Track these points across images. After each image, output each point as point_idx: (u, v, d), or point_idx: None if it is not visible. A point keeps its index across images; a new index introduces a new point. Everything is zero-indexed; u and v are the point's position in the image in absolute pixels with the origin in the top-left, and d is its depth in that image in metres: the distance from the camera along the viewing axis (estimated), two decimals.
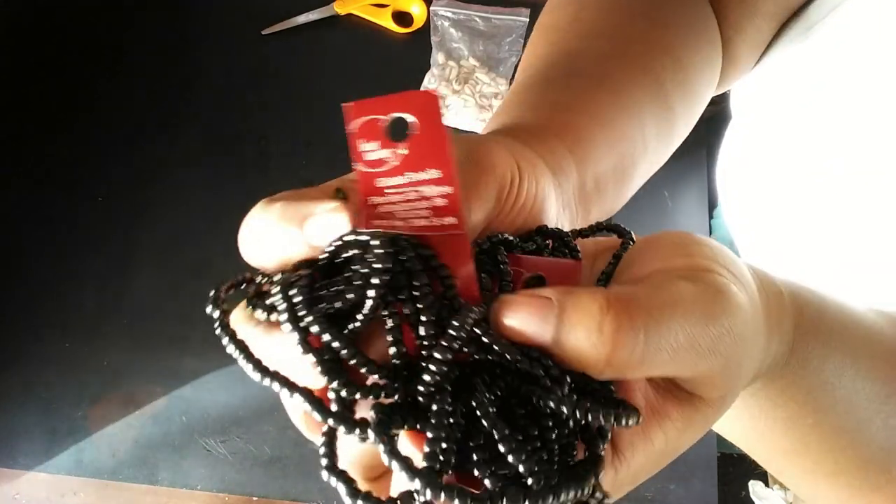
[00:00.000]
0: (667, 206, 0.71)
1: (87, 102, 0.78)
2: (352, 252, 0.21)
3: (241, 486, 0.62)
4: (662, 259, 0.23)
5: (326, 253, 0.22)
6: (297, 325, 0.21)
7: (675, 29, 0.39)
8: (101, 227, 0.72)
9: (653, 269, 0.22)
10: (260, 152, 0.75)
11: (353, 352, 0.20)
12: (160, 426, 0.64)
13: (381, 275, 0.20)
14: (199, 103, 0.78)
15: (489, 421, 0.20)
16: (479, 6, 0.80)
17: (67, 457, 0.63)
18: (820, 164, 0.45)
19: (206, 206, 0.72)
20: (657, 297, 0.20)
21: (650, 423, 0.22)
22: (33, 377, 0.66)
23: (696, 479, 0.62)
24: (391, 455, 0.19)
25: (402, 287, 0.21)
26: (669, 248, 0.23)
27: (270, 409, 0.64)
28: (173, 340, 0.67)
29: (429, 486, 0.18)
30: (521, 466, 0.19)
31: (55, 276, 0.70)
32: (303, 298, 0.21)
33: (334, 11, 0.81)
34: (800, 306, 0.29)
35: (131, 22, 0.82)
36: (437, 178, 0.22)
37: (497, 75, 0.76)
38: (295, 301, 0.21)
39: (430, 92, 0.22)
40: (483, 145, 0.26)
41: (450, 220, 0.22)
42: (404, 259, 0.21)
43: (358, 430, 0.20)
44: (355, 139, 0.22)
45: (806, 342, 0.29)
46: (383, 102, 0.22)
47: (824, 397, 0.30)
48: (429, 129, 0.22)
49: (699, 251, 0.23)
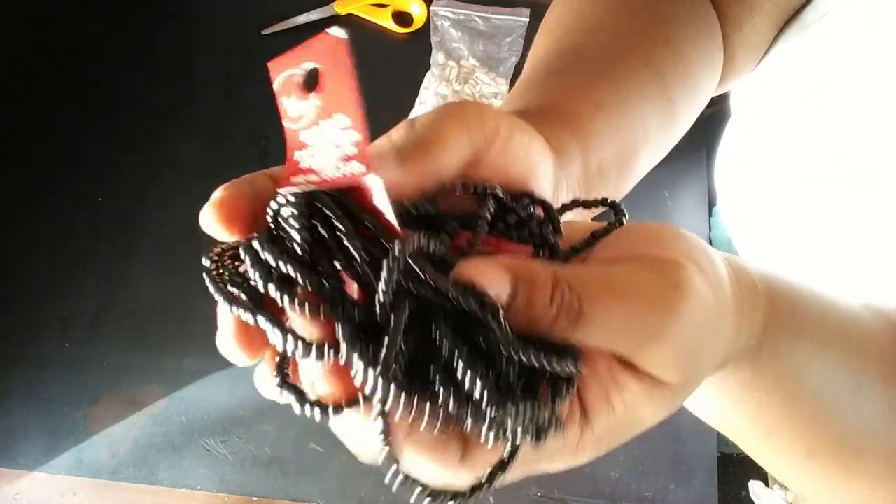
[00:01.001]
0: (667, 205, 0.71)
1: (87, 102, 0.78)
2: (286, 214, 0.23)
3: (242, 486, 0.62)
4: (636, 247, 0.24)
5: (269, 220, 0.23)
6: (266, 268, 0.22)
7: (676, 23, 0.40)
8: (101, 227, 0.72)
9: (625, 254, 0.24)
10: (260, 152, 0.75)
11: (312, 273, 0.22)
12: (160, 426, 0.64)
13: (300, 233, 0.22)
14: (199, 103, 0.78)
15: (449, 342, 0.21)
16: (479, 6, 0.80)
17: (67, 457, 0.63)
18: (818, 166, 0.45)
19: (204, 206, 0.72)
20: (605, 281, 0.22)
21: (611, 390, 0.24)
22: (33, 377, 0.66)
23: (696, 479, 0.62)
24: (351, 349, 0.20)
25: (328, 239, 0.22)
26: (645, 237, 0.25)
27: (271, 410, 0.64)
28: (173, 340, 0.67)
29: (382, 379, 0.19)
30: (479, 383, 0.20)
31: (55, 276, 0.70)
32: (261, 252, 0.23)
33: (334, 11, 0.81)
34: (773, 298, 0.30)
35: (131, 22, 0.82)
36: (346, 125, 0.22)
37: (497, 75, 0.76)
38: (259, 254, 0.23)
39: (336, 35, 0.22)
40: (466, 103, 0.28)
41: (358, 167, 0.22)
42: (324, 214, 0.22)
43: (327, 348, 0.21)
44: (279, 96, 0.23)
45: (776, 333, 0.30)
46: (296, 54, 0.22)
47: (794, 385, 0.32)
48: (336, 76, 0.22)
49: (672, 244, 0.24)
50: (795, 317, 0.31)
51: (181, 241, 0.71)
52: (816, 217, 0.46)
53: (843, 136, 0.42)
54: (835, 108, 0.43)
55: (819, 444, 0.33)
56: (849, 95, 0.41)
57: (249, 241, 0.23)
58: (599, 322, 0.22)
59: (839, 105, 0.42)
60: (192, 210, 0.84)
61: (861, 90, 0.40)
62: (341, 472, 0.62)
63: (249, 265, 0.23)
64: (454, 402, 0.20)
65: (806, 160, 0.46)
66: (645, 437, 0.63)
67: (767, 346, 0.30)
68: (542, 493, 0.62)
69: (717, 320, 0.25)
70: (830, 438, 0.33)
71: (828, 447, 0.33)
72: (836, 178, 0.43)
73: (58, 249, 0.71)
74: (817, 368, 0.32)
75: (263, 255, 0.22)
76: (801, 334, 0.31)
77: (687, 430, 0.64)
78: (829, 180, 0.44)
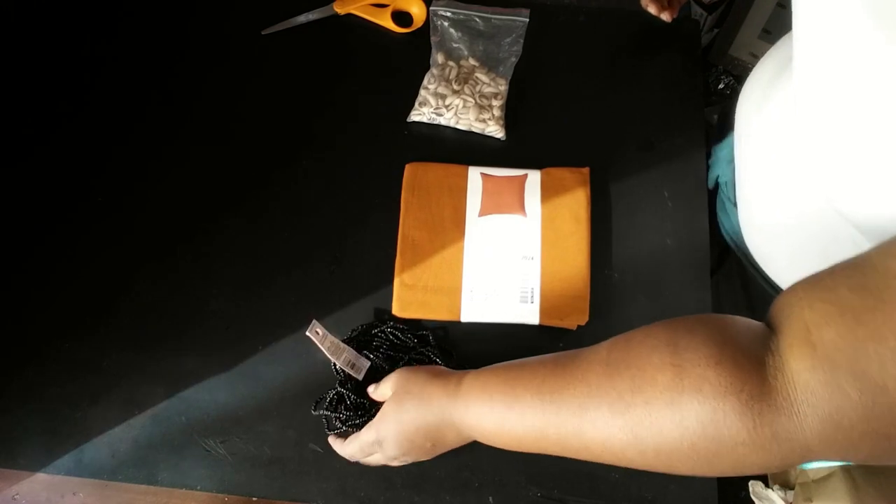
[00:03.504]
0: (667, 205, 0.71)
1: (87, 102, 0.78)
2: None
3: (241, 486, 0.62)
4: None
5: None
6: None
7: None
8: (101, 227, 0.72)
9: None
10: (261, 152, 0.75)
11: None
12: (160, 426, 0.64)
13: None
14: (198, 103, 0.78)
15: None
16: (479, 6, 0.80)
17: (67, 457, 0.63)
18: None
19: (206, 205, 0.72)
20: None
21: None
22: (33, 378, 0.66)
23: (695, 480, 0.62)
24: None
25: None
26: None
27: (271, 410, 0.64)
28: (173, 341, 0.67)
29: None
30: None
31: (55, 276, 0.70)
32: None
33: (334, 11, 0.81)
34: (464, 376, 0.54)
35: (131, 22, 0.82)
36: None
37: (497, 75, 0.76)
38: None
39: None
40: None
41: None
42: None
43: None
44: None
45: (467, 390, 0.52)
46: None
47: (488, 426, 0.50)
48: None
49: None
50: (478, 377, 0.52)
51: (181, 240, 0.71)
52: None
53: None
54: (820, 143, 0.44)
55: (538, 444, 0.47)
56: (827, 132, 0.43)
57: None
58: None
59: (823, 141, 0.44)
60: (193, 210, 0.84)
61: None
62: (341, 473, 0.62)
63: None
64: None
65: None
66: None
67: (462, 401, 0.52)
68: (541, 493, 0.62)
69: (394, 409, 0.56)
70: (535, 437, 0.46)
71: (545, 442, 0.46)
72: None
73: (57, 249, 0.71)
74: (489, 411, 0.50)
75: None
76: (472, 390, 0.52)
77: None
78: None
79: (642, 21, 0.81)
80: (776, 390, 0.34)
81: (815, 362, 0.33)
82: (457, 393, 0.52)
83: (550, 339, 0.66)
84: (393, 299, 0.67)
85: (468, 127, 0.74)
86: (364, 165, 0.74)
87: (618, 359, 0.42)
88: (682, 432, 0.37)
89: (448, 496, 0.62)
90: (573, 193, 0.70)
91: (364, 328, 0.66)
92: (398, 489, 0.62)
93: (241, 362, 0.66)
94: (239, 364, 0.66)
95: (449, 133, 0.75)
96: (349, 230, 0.71)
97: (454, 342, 0.66)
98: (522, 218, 0.69)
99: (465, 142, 0.75)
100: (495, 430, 0.50)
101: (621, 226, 0.71)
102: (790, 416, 0.34)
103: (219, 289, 0.69)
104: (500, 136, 0.74)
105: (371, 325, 0.66)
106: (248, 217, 0.72)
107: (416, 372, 0.57)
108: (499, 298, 0.66)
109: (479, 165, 0.72)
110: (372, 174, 0.73)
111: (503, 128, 0.74)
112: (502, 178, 0.71)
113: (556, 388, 0.45)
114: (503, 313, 0.66)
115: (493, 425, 0.49)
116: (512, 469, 0.62)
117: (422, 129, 0.75)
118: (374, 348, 0.65)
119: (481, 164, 0.72)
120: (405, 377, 0.57)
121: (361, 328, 0.65)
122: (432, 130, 0.75)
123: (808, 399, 0.33)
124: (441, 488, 0.62)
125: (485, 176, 0.71)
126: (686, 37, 0.80)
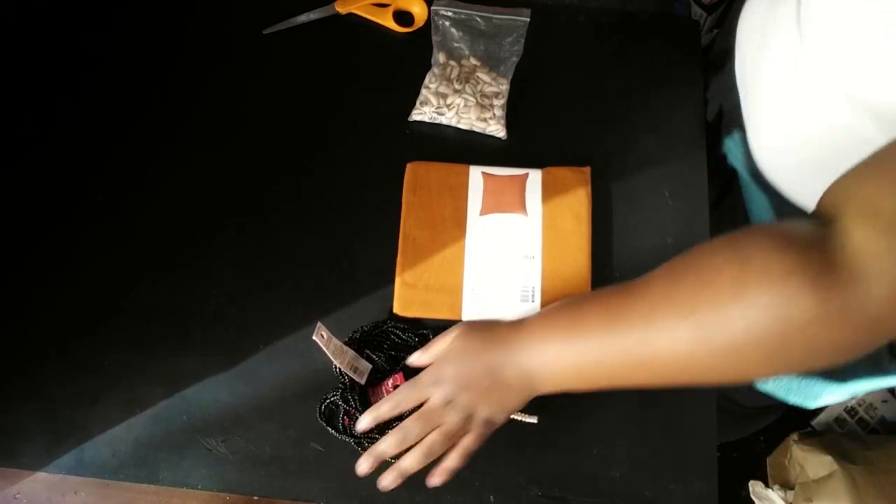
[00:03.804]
0: (667, 205, 0.71)
1: (87, 102, 0.78)
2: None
3: (242, 485, 0.62)
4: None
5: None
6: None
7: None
8: (101, 227, 0.72)
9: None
10: (261, 152, 0.75)
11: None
12: (161, 426, 0.64)
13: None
14: (199, 103, 0.78)
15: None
16: (480, 6, 0.80)
17: (68, 456, 0.63)
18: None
19: (206, 205, 0.72)
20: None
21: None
22: (34, 377, 0.66)
23: (696, 479, 0.62)
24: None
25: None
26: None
27: (272, 409, 0.64)
28: (174, 340, 0.67)
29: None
30: None
31: (56, 275, 0.70)
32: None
33: (335, 11, 0.81)
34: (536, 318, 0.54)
35: (131, 22, 0.82)
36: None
37: (498, 74, 0.76)
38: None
39: None
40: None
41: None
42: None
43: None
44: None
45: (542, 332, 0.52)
46: None
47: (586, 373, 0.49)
48: None
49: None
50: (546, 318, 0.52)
51: (182, 240, 0.71)
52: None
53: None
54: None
55: (602, 365, 0.47)
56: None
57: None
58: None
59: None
60: (194, 209, 0.84)
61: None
62: (342, 472, 0.62)
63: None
64: None
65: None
66: (645, 437, 0.63)
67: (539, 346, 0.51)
68: (542, 492, 0.62)
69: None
70: (598, 358, 0.47)
71: (611, 362, 0.46)
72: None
73: (58, 249, 0.71)
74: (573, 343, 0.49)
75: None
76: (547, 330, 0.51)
77: (687, 430, 0.64)
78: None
79: (642, 21, 0.81)
80: (842, 263, 0.35)
81: (880, 229, 0.34)
82: (520, 326, 0.53)
83: None
84: (394, 298, 0.67)
85: (469, 126, 0.74)
86: (365, 164, 0.74)
87: (678, 270, 0.43)
88: (751, 322, 0.37)
89: (449, 495, 0.62)
90: (574, 193, 0.70)
91: (366, 330, 0.65)
92: (398, 488, 0.62)
93: (242, 361, 0.66)
94: (240, 363, 0.66)
95: (450, 132, 0.75)
96: (350, 229, 0.71)
97: None
98: (523, 217, 0.69)
99: (467, 141, 0.75)
100: (557, 355, 0.49)
101: (622, 225, 0.71)
102: (858, 286, 0.34)
103: (220, 288, 0.69)
104: (502, 136, 0.74)
105: (373, 326, 0.66)
106: (248, 217, 0.72)
107: (481, 320, 0.58)
108: (500, 297, 0.66)
109: (480, 165, 0.72)
110: (373, 173, 0.73)
111: (504, 127, 0.74)
112: (503, 177, 0.71)
113: (619, 306, 0.45)
114: (504, 312, 0.66)
115: (555, 351, 0.49)
116: (512, 468, 0.62)
117: (423, 129, 0.75)
118: (376, 348, 0.65)
119: (482, 163, 0.72)
120: (470, 323, 0.57)
121: (363, 329, 0.65)
122: (433, 130, 0.75)
123: (875, 266, 0.34)
124: (442, 487, 0.62)
125: (486, 175, 0.71)
126: (686, 37, 0.80)
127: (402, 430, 0.53)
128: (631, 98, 0.77)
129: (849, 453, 1.15)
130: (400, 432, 0.53)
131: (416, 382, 0.54)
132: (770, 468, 1.30)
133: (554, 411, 0.64)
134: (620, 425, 0.64)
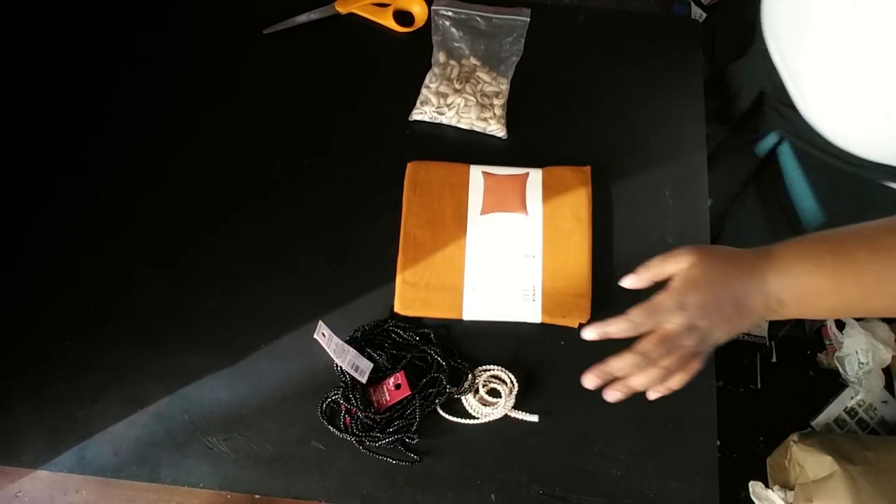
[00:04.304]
0: (667, 205, 0.72)
1: (87, 102, 0.78)
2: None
3: (244, 483, 0.62)
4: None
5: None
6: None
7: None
8: (102, 225, 0.72)
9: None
10: (261, 152, 0.75)
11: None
12: (162, 424, 0.64)
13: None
14: (199, 103, 0.78)
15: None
16: (481, 6, 0.80)
17: (70, 455, 0.64)
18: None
19: (207, 203, 0.72)
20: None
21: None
22: (35, 376, 0.66)
23: (697, 479, 0.62)
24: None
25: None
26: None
27: (273, 408, 0.64)
28: (175, 339, 0.67)
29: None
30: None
31: (56, 275, 0.70)
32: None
33: (335, 11, 0.81)
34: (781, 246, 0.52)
35: (131, 22, 0.82)
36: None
37: (498, 74, 0.77)
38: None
39: None
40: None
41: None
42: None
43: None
44: None
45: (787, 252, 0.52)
46: None
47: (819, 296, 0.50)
48: None
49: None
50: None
51: (182, 239, 0.71)
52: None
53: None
54: None
55: (869, 300, 0.49)
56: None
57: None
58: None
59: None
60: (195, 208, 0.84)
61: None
62: (343, 470, 0.62)
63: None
64: None
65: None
66: (646, 436, 0.63)
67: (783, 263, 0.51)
68: (543, 490, 0.62)
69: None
70: (868, 292, 0.49)
71: (885, 296, 0.48)
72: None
73: (58, 247, 0.71)
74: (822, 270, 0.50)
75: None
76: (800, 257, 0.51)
77: (688, 429, 0.64)
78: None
79: (642, 21, 0.81)
80: None
81: None
82: (768, 256, 0.51)
83: (552, 338, 0.66)
84: (395, 297, 0.67)
85: (470, 126, 0.74)
86: (366, 164, 0.74)
87: None
88: None
89: (450, 493, 0.62)
90: (574, 192, 0.70)
91: (367, 329, 0.66)
92: (400, 486, 0.62)
93: (243, 360, 0.66)
94: (241, 362, 0.66)
95: (450, 132, 0.75)
96: (351, 228, 0.71)
97: (456, 340, 0.66)
98: (524, 216, 0.69)
99: (467, 140, 0.75)
100: (819, 289, 0.49)
101: (622, 224, 0.71)
102: None
103: (221, 287, 0.69)
104: (502, 135, 0.74)
105: (374, 324, 0.66)
106: (250, 215, 0.72)
107: (710, 247, 0.55)
108: (500, 296, 0.66)
109: (480, 164, 0.72)
110: (374, 173, 0.73)
111: (504, 127, 0.74)
112: (504, 176, 0.71)
113: (888, 248, 0.47)
114: (505, 311, 0.66)
115: (816, 286, 0.49)
116: (514, 467, 0.62)
117: (423, 128, 0.76)
118: (377, 347, 0.65)
119: (483, 162, 0.72)
120: (703, 249, 0.53)
121: (364, 328, 0.66)
122: (434, 129, 0.76)
123: None
124: (443, 486, 0.62)
125: (486, 174, 0.71)
126: (686, 37, 0.80)
127: (642, 354, 0.51)
128: (631, 98, 0.77)
129: (848, 453, 1.15)
130: (639, 356, 0.51)
131: (658, 307, 0.51)
132: (770, 468, 1.30)
133: (554, 411, 0.64)
134: (621, 424, 0.64)
